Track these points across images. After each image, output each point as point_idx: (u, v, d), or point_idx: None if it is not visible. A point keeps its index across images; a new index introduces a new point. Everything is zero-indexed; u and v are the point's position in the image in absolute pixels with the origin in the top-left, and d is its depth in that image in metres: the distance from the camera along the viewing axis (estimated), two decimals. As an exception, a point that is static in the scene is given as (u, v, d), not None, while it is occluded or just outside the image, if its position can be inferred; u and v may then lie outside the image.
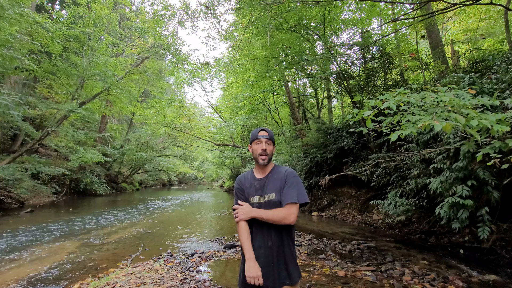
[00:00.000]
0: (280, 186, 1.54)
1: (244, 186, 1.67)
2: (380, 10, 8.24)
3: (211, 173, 32.96)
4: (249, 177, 1.68)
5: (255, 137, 1.62)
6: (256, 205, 1.57)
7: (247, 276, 1.42)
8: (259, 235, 1.52)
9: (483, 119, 1.69)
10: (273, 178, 1.59)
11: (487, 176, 3.83)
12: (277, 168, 1.65)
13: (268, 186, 1.58)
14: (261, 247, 1.50)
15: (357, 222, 7.24)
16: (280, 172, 1.61)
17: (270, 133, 1.62)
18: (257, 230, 1.54)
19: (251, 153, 1.72)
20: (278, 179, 1.57)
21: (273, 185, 1.56)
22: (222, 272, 3.82)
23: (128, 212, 9.53)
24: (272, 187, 1.56)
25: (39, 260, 4.35)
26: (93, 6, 11.85)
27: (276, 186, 1.55)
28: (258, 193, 1.58)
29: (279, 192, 1.53)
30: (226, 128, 15.56)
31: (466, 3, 4.41)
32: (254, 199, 1.59)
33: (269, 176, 1.61)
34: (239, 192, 1.67)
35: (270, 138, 1.61)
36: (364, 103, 2.17)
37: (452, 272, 3.62)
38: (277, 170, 1.63)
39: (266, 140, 1.59)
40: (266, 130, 1.63)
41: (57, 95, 14.60)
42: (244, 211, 1.51)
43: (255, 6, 5.88)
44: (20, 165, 10.79)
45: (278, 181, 1.56)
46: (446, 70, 7.16)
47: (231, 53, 12.85)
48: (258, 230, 1.53)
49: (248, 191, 1.63)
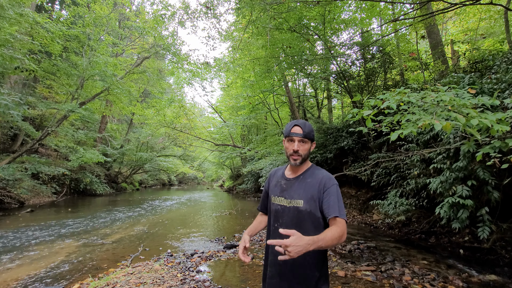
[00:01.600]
0: (312, 194, 1.30)
1: (270, 182, 1.50)
2: (380, 10, 8.23)
3: (211, 173, 32.98)
4: (280, 173, 1.49)
5: (287, 133, 1.37)
6: (280, 208, 1.37)
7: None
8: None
9: (483, 119, 1.69)
10: (305, 182, 1.36)
11: (487, 176, 3.83)
12: (313, 170, 1.40)
13: (296, 190, 1.35)
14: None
15: (357, 222, 7.23)
16: (316, 175, 1.35)
17: (306, 129, 1.34)
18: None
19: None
20: (311, 184, 1.33)
21: (304, 190, 1.33)
22: (222, 272, 3.82)
23: (128, 212, 9.53)
24: (302, 192, 1.33)
25: (39, 260, 4.35)
26: (93, 6, 11.85)
27: (307, 193, 1.31)
28: (284, 194, 1.38)
29: (309, 200, 1.29)
30: (226, 128, 15.55)
31: (466, 3, 4.40)
32: (279, 200, 1.39)
33: (301, 178, 1.38)
34: (265, 196, 1.55)
35: (306, 136, 1.34)
36: (364, 103, 2.17)
37: (452, 272, 3.61)
38: (313, 173, 1.38)
39: (300, 138, 1.34)
40: (301, 125, 1.35)
41: (57, 95, 14.60)
42: (298, 248, 1.00)
43: (255, 6, 5.88)
44: (20, 165, 10.78)
45: (310, 187, 1.32)
46: (446, 70, 7.16)
47: (231, 53, 12.85)
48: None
49: (272, 189, 1.45)
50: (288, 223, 1.33)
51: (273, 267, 1.34)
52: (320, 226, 1.28)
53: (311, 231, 1.26)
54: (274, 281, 1.33)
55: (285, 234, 1.05)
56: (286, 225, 1.33)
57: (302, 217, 1.30)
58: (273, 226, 1.39)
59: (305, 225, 1.29)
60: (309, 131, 1.35)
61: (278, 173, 1.51)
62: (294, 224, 1.31)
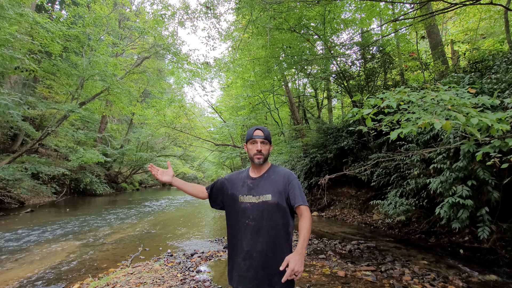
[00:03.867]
0: (279, 188, 1.47)
1: (232, 182, 1.61)
2: (380, 10, 8.23)
3: (211, 173, 32.92)
4: (244, 175, 1.62)
5: (250, 136, 1.56)
6: (249, 205, 1.49)
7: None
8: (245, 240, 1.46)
9: (484, 118, 1.69)
10: (270, 179, 1.52)
11: (487, 176, 3.83)
12: (274, 168, 1.58)
13: (263, 187, 1.50)
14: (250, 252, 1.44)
15: (357, 222, 7.23)
16: (278, 172, 1.54)
17: (265, 132, 1.55)
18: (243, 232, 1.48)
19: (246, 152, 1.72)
20: (276, 179, 1.51)
21: (270, 185, 1.49)
22: (222, 272, 3.81)
23: (128, 212, 9.53)
24: (269, 187, 1.49)
25: (39, 260, 4.35)
26: (93, 6, 11.86)
27: (273, 188, 1.48)
28: (251, 192, 1.51)
29: (276, 193, 1.46)
30: (226, 128, 15.54)
31: (466, 3, 4.40)
32: (247, 198, 1.51)
33: (265, 176, 1.54)
34: (219, 183, 1.65)
35: (266, 138, 1.54)
36: (364, 102, 2.17)
37: (452, 272, 3.61)
38: (275, 170, 1.56)
39: (262, 140, 1.53)
40: (262, 129, 1.56)
41: (57, 95, 14.60)
42: (301, 266, 1.26)
43: (255, 6, 5.88)
44: (20, 165, 10.78)
45: (275, 182, 1.49)
46: (446, 70, 7.16)
47: (231, 53, 12.84)
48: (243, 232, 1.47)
49: (240, 189, 1.56)
50: (257, 217, 1.46)
51: (247, 260, 1.44)
52: (286, 214, 1.47)
53: (279, 219, 1.45)
54: (250, 274, 1.42)
55: (283, 266, 1.26)
56: (255, 219, 1.46)
57: (270, 209, 1.45)
58: (244, 223, 1.48)
59: (274, 215, 1.45)
60: (268, 134, 1.57)
61: (242, 175, 1.63)
62: (264, 217, 1.45)
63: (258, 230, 1.43)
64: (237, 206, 1.53)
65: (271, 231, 1.42)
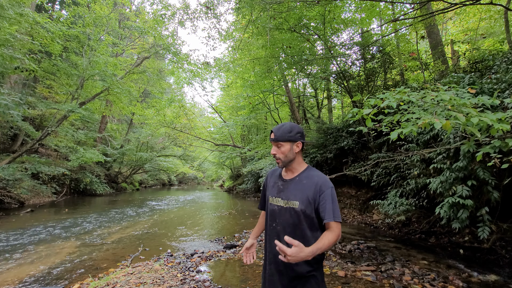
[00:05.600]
0: (308, 195, 1.32)
1: (268, 183, 1.53)
2: (380, 10, 8.23)
3: (211, 173, 32.95)
4: (278, 174, 1.52)
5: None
6: (276, 208, 1.41)
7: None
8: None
9: (484, 118, 1.69)
10: (301, 183, 1.37)
11: (487, 176, 3.83)
12: (309, 172, 1.41)
13: (292, 191, 1.37)
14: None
15: (357, 222, 7.23)
16: (311, 178, 1.36)
17: (278, 133, 1.40)
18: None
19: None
20: (307, 186, 1.35)
21: (300, 192, 1.35)
22: (222, 272, 3.81)
23: (128, 212, 9.53)
24: (298, 194, 1.35)
25: (39, 260, 4.35)
26: (93, 6, 11.86)
27: (302, 194, 1.34)
28: (281, 195, 1.40)
29: (304, 202, 1.32)
30: (226, 128, 15.55)
31: (466, 3, 4.40)
32: (276, 200, 1.42)
33: (297, 180, 1.39)
34: (263, 190, 1.61)
35: (278, 139, 1.39)
36: (364, 102, 2.17)
37: (452, 272, 3.61)
38: (309, 175, 1.39)
39: (274, 143, 1.40)
40: (274, 130, 1.41)
41: (57, 95, 14.59)
42: (297, 259, 1.10)
43: (255, 6, 5.89)
44: (20, 165, 10.78)
45: (306, 189, 1.34)
46: (446, 70, 7.16)
47: (231, 53, 12.85)
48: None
49: (270, 190, 1.49)
50: (284, 223, 1.36)
51: (272, 265, 1.39)
52: (314, 226, 1.33)
53: (307, 230, 1.32)
54: (275, 279, 1.37)
55: (289, 243, 1.11)
56: (282, 225, 1.37)
57: (297, 217, 1.33)
58: (271, 226, 1.43)
59: (301, 225, 1.33)
60: (281, 133, 1.38)
61: (276, 174, 1.54)
62: (290, 224, 1.35)
63: (284, 236, 1.34)
64: (268, 207, 1.48)
65: (298, 239, 1.30)
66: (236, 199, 14.63)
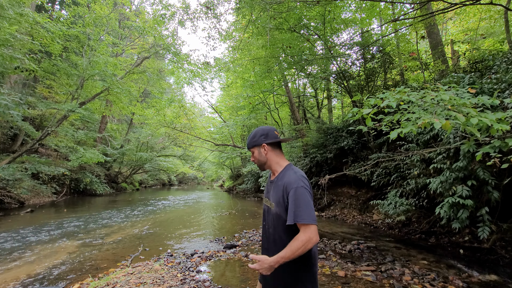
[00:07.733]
0: (279, 197, 1.31)
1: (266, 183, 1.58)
2: (380, 10, 8.24)
3: (211, 173, 32.94)
4: (269, 175, 1.56)
5: None
6: (266, 208, 1.46)
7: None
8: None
9: (483, 118, 1.69)
10: (277, 185, 1.37)
11: (487, 176, 3.83)
12: (284, 172, 1.38)
13: (271, 193, 1.39)
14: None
15: (357, 222, 7.23)
16: (283, 178, 1.35)
17: (247, 142, 1.47)
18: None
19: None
20: (280, 187, 1.33)
21: (275, 194, 1.35)
22: (222, 272, 3.81)
23: (128, 212, 9.53)
24: (274, 196, 1.36)
25: (39, 260, 4.34)
26: (93, 6, 11.85)
27: (276, 196, 1.33)
28: (268, 196, 1.44)
29: (278, 204, 1.31)
30: (226, 128, 15.54)
31: (466, 3, 4.40)
32: (265, 201, 1.47)
33: (275, 181, 1.40)
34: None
35: (248, 147, 1.47)
36: (364, 102, 2.17)
37: (452, 272, 3.61)
38: (284, 175, 1.36)
39: (249, 150, 1.48)
40: (247, 138, 1.48)
41: (57, 95, 14.59)
42: (264, 270, 1.18)
43: (255, 6, 5.88)
44: (20, 165, 10.78)
45: (279, 190, 1.33)
46: (446, 70, 7.16)
47: (231, 53, 12.85)
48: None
49: (264, 190, 1.55)
50: (270, 224, 1.39)
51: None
52: (291, 229, 1.26)
53: (282, 233, 1.30)
54: (264, 280, 1.42)
55: (253, 260, 1.22)
56: (269, 225, 1.40)
57: (276, 219, 1.34)
58: (263, 225, 1.48)
59: (278, 228, 1.33)
60: (249, 141, 1.46)
61: (268, 175, 1.59)
62: (273, 225, 1.36)
63: (269, 236, 1.39)
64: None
65: (277, 241, 1.32)
66: (236, 199, 14.63)
